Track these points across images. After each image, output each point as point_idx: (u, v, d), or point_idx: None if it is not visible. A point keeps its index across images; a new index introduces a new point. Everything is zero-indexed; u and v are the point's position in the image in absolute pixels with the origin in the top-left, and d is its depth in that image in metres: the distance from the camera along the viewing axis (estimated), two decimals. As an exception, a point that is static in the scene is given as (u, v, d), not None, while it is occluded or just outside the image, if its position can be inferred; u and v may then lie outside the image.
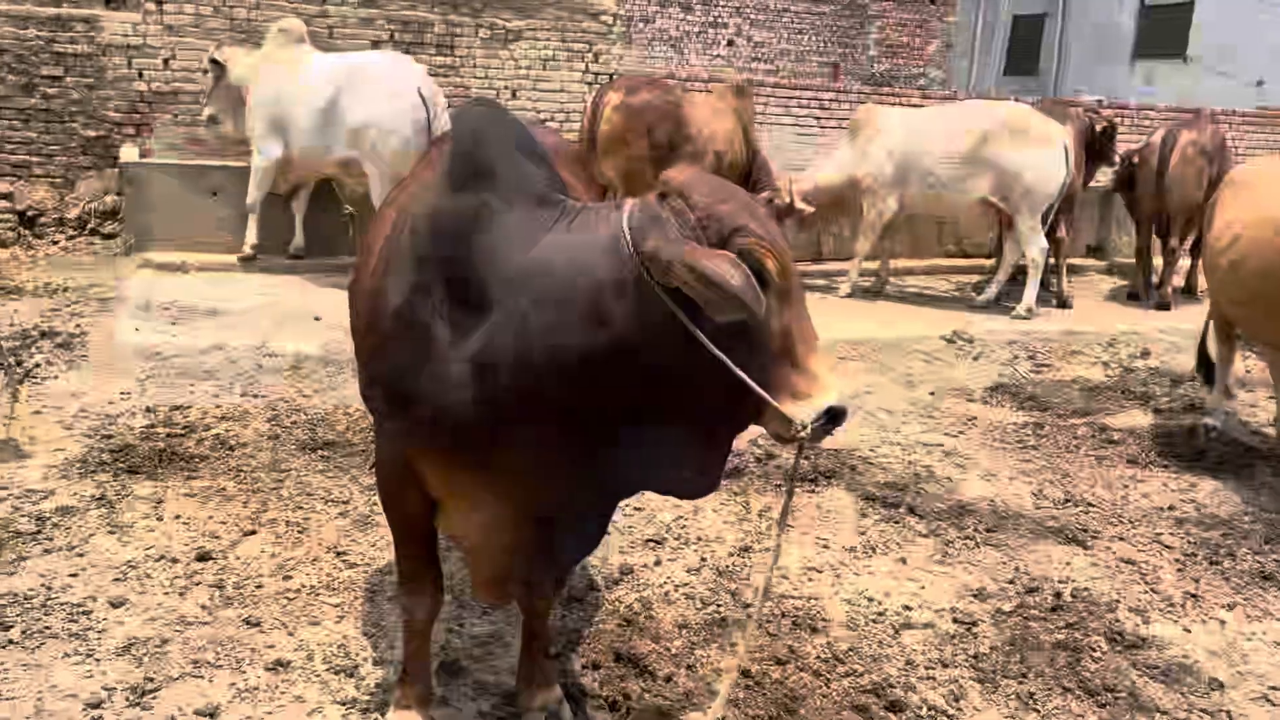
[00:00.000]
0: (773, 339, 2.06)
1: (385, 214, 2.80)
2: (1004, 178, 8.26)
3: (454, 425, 2.27)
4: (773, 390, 2.06)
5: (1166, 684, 3.19)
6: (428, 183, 2.51)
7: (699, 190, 2.09)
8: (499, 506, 2.37)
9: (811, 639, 3.31)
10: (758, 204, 2.20)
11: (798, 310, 2.10)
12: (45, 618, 3.11)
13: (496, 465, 2.29)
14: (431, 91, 7.33)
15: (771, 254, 2.04)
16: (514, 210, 2.25)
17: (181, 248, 7.81)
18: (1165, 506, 4.64)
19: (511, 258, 2.19)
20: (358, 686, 2.92)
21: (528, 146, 2.40)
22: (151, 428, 4.64)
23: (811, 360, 2.09)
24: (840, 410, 2.07)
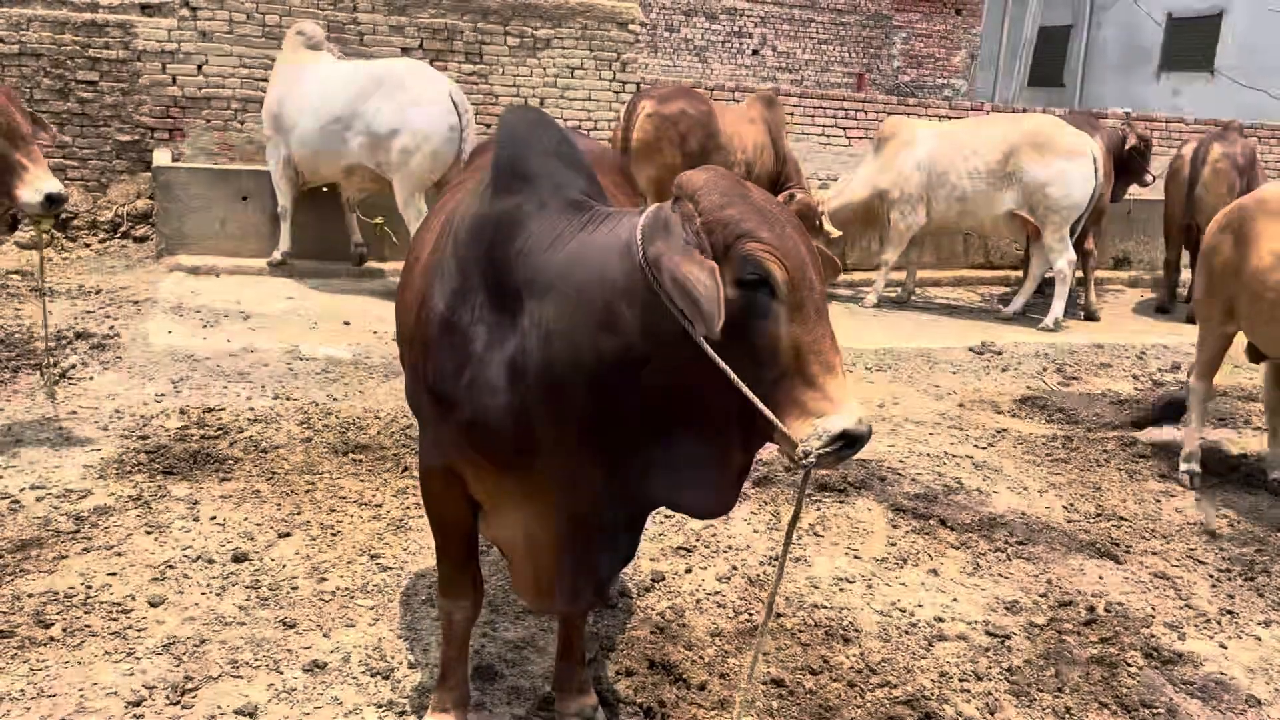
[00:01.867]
0: (783, 353, 1.93)
1: (432, 222, 2.84)
2: (1031, 190, 8.24)
3: (491, 430, 2.28)
4: (780, 408, 1.93)
5: (1204, 700, 3.17)
6: (473, 189, 2.54)
7: (709, 194, 2.00)
8: (537, 512, 2.38)
9: (844, 649, 3.30)
10: (780, 209, 2.05)
11: (814, 323, 1.94)
12: (85, 616, 3.14)
13: (533, 470, 2.30)
14: (462, 99, 7.27)
15: (779, 262, 1.91)
16: (549, 215, 2.26)
17: (212, 251, 7.88)
18: (1198, 523, 4.61)
19: (538, 261, 2.20)
20: (394, 689, 2.94)
21: (567, 152, 2.41)
22: (185, 429, 4.68)
23: (827, 378, 1.92)
24: (855, 435, 1.88)
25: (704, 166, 2.17)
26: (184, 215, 7.87)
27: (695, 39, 16.62)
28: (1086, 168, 8.29)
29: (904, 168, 8.54)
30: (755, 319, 1.91)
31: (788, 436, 1.91)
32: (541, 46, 9.22)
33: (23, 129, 4.15)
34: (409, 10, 8.82)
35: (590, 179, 2.40)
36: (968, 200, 8.44)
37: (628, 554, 2.50)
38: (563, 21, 9.25)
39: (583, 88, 9.40)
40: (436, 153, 7.08)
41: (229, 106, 8.51)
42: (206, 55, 8.41)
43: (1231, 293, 4.75)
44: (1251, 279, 4.49)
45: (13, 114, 4.13)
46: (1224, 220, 4.89)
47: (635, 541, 2.50)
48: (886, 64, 18.11)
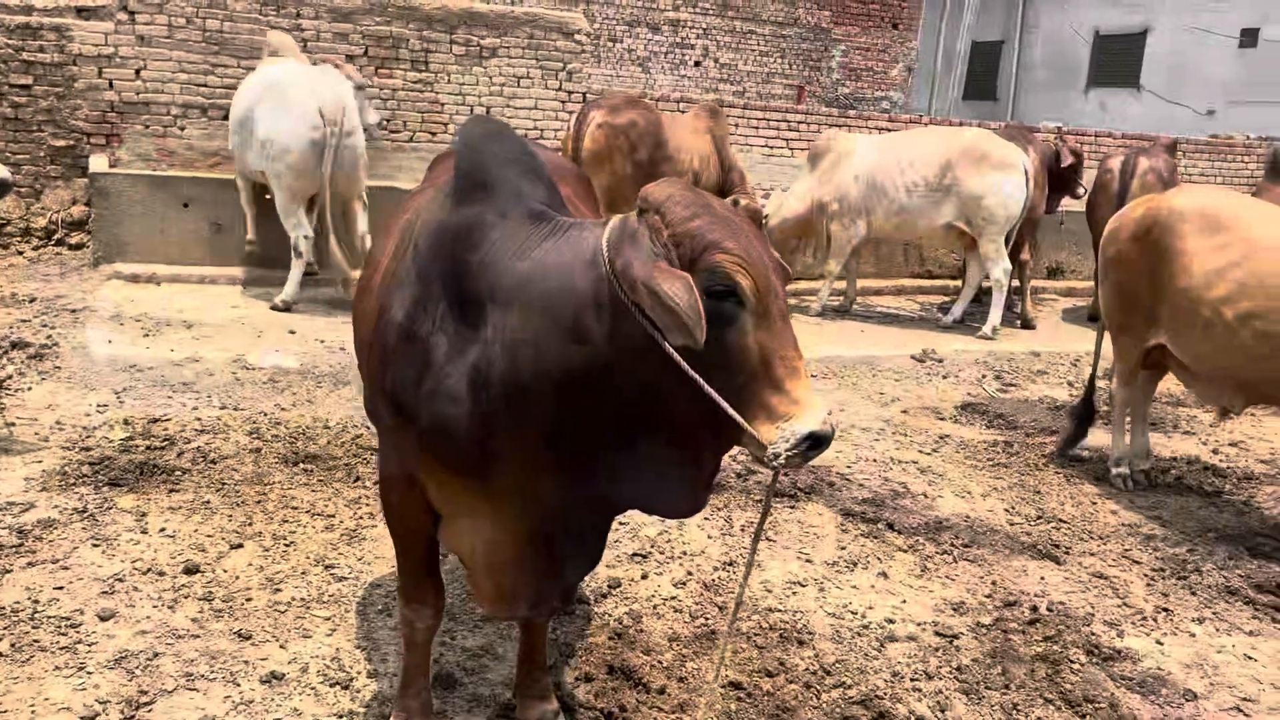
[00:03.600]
0: (749, 359, 1.98)
1: (391, 230, 2.84)
2: (968, 202, 8.44)
3: (453, 439, 2.29)
4: (748, 412, 1.98)
5: (1143, 695, 3.28)
6: (432, 198, 2.55)
7: (674, 206, 2.04)
8: (499, 520, 2.39)
9: (799, 651, 3.36)
10: (742, 219, 2.10)
11: (779, 330, 2.00)
12: (34, 631, 3.08)
13: (494, 479, 2.32)
14: (338, 110, 6.95)
15: (745, 271, 1.96)
16: (511, 224, 2.28)
17: (152, 259, 7.75)
18: (1131, 524, 4.76)
19: (500, 271, 2.22)
20: (353, 699, 2.93)
21: (528, 162, 2.44)
22: (130, 440, 4.60)
23: (792, 382, 1.98)
24: (821, 436, 1.95)
25: (666, 179, 2.20)
26: (122, 222, 7.73)
27: (638, 50, 16.71)
28: (1019, 180, 8.52)
29: (843, 180, 8.69)
30: (723, 327, 1.95)
31: (756, 440, 1.96)
32: (488, 55, 9.22)
33: None
34: (353, 18, 8.77)
35: (551, 189, 2.43)
36: (906, 212, 8.62)
37: (594, 558, 2.53)
38: (509, 31, 9.26)
39: (529, 96, 9.42)
40: (295, 166, 6.93)
41: (168, 112, 8.38)
42: (145, 60, 8.27)
43: (1153, 305, 4.84)
44: (1183, 296, 4.58)
45: None
46: (1134, 229, 4.90)
47: (601, 545, 2.53)
48: (826, 76, 18.37)
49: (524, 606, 2.52)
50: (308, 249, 7.17)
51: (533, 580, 2.44)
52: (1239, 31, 20.32)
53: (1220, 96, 20.59)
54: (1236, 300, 4.36)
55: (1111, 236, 5.05)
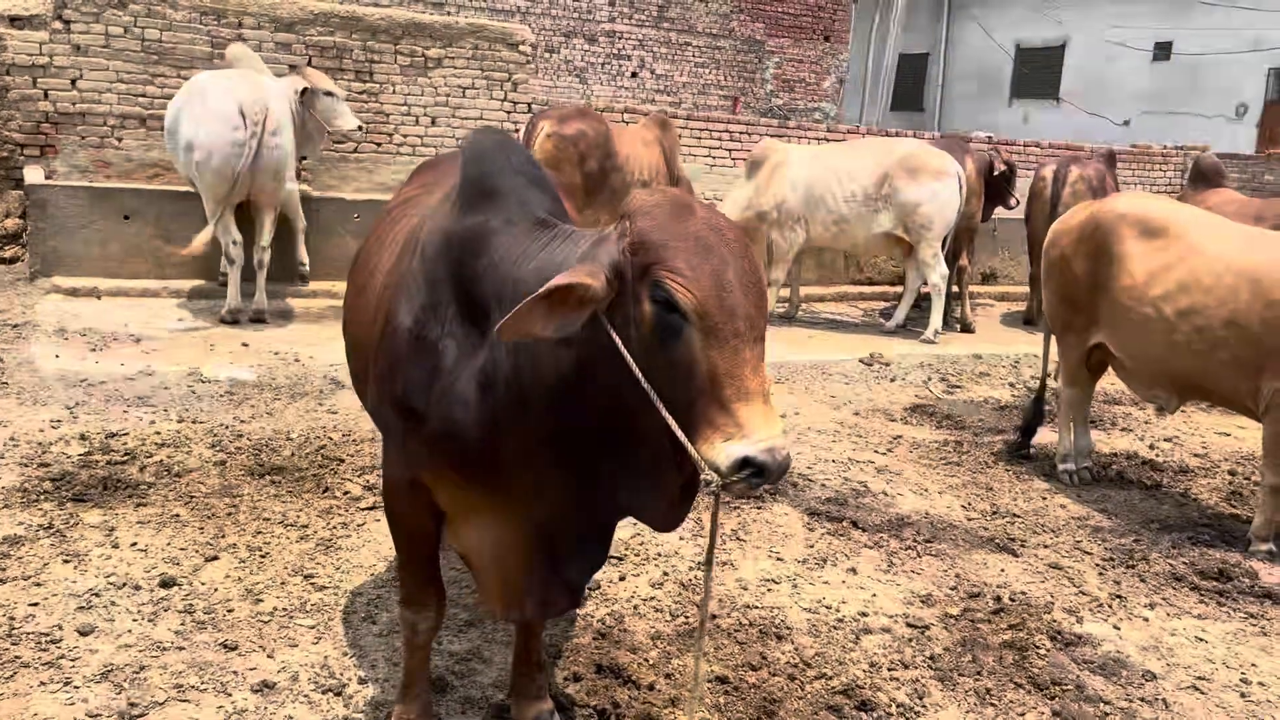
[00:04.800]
0: (696, 375, 1.94)
1: (382, 236, 2.88)
2: (905, 210, 8.67)
3: (462, 441, 2.34)
4: (696, 430, 1.94)
5: (1106, 677, 3.43)
6: (434, 206, 2.59)
7: (643, 216, 2.05)
8: (506, 522, 2.43)
9: (779, 646, 3.45)
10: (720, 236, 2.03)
11: (732, 349, 1.94)
12: (13, 647, 3.03)
13: (501, 481, 2.37)
14: (259, 110, 6.86)
15: (685, 289, 1.94)
16: (515, 231, 2.34)
17: (92, 272, 7.59)
18: (1079, 517, 4.96)
19: (503, 276, 2.27)
20: (347, 705, 2.93)
21: (532, 171, 2.50)
22: (89, 455, 4.53)
23: (740, 404, 1.92)
24: (759, 464, 1.88)
25: (657, 189, 2.26)
26: (61, 235, 7.55)
27: (575, 60, 16.80)
28: (954, 187, 8.79)
29: (781, 189, 8.86)
30: (669, 339, 1.96)
31: (698, 458, 1.93)
32: (433, 66, 9.22)
33: None
34: (296, 28, 8.70)
35: (554, 198, 2.50)
36: (845, 222, 8.82)
37: (598, 560, 2.57)
38: (453, 42, 9.26)
39: (474, 107, 9.43)
40: (218, 169, 6.84)
41: (105, 123, 8.22)
42: (81, 70, 8.11)
43: (1094, 305, 5.06)
44: (1124, 295, 4.80)
45: None
46: (1077, 233, 5.13)
47: (605, 549, 2.57)
48: (760, 88, 18.65)
49: (531, 607, 2.56)
50: (239, 255, 7.10)
51: (538, 581, 2.48)
52: (1152, 45, 21.16)
53: (1135, 107, 21.41)
54: (1176, 298, 4.58)
55: (1054, 241, 5.26)
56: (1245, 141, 19.09)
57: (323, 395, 5.72)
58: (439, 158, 3.59)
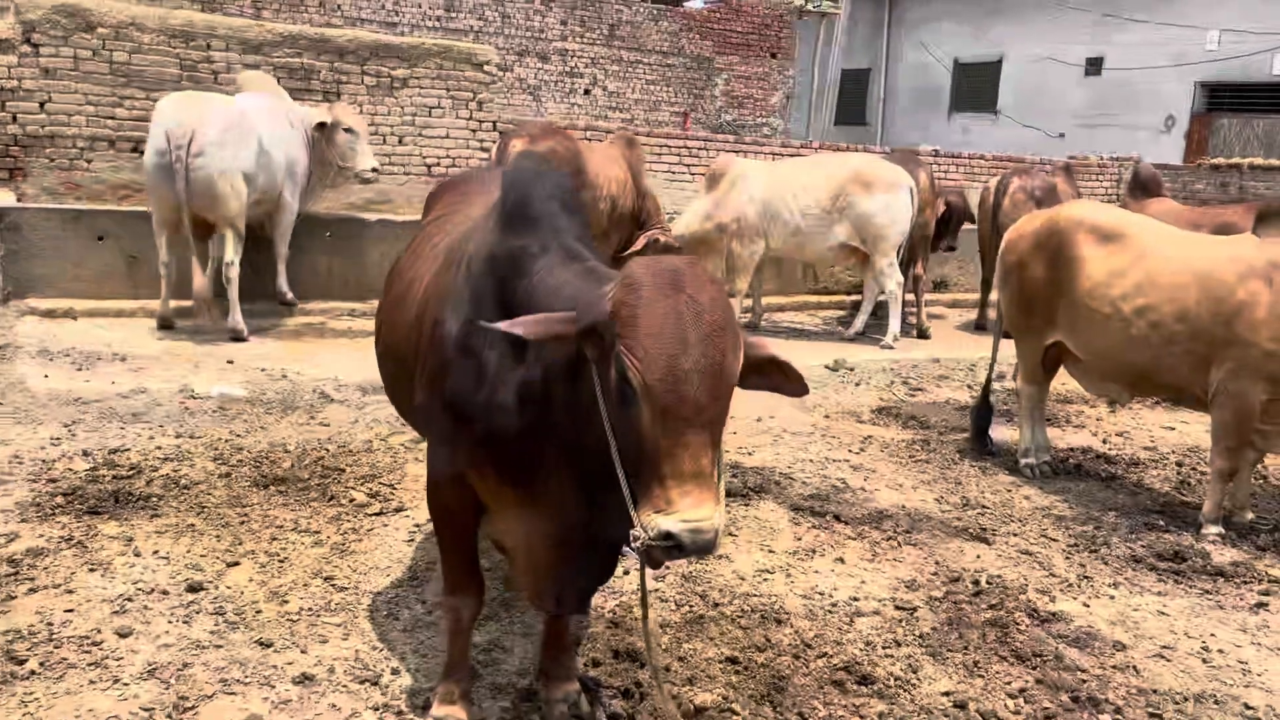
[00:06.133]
0: (644, 445, 2.11)
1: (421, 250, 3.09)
2: (859, 222, 9.01)
3: (503, 446, 2.56)
4: (641, 492, 2.12)
5: (1080, 648, 3.71)
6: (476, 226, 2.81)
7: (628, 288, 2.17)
8: (537, 520, 2.65)
9: (779, 629, 3.68)
10: (698, 319, 2.13)
11: (676, 431, 2.08)
12: (57, 650, 3.15)
13: (535, 485, 2.58)
14: (183, 134, 6.93)
15: (637, 370, 2.09)
16: (550, 257, 2.56)
17: (67, 294, 7.61)
18: (1043, 507, 5.26)
19: (540, 302, 2.47)
20: (384, 693, 3.10)
21: (565, 198, 2.73)
22: (95, 470, 4.62)
23: (674, 482, 2.07)
24: (679, 542, 2.05)
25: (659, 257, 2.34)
26: (35, 257, 7.57)
27: (529, 78, 17.01)
28: (906, 199, 9.16)
29: (740, 203, 9.16)
30: (626, 407, 2.14)
31: (634, 519, 2.12)
32: (399, 86, 9.38)
33: None
34: (264, 49, 8.81)
35: (582, 222, 2.73)
36: (802, 234, 9.14)
37: (606, 573, 2.79)
38: (419, 62, 9.43)
39: (440, 126, 9.60)
40: (150, 190, 7.21)
41: (74, 145, 8.25)
42: (50, 92, 8.14)
43: (1052, 306, 5.38)
44: (1084, 296, 5.13)
45: None
46: (1034, 239, 5.46)
47: (614, 562, 2.78)
48: (710, 104, 19.02)
49: (554, 600, 2.78)
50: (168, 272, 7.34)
51: (556, 582, 2.70)
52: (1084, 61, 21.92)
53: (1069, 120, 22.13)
54: (1133, 297, 4.93)
55: (1011, 247, 5.59)
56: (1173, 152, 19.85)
57: (313, 409, 5.84)
58: (457, 178, 3.80)
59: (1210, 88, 20.17)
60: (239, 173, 7.19)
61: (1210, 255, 4.90)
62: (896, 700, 3.27)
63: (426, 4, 16.15)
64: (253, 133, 7.27)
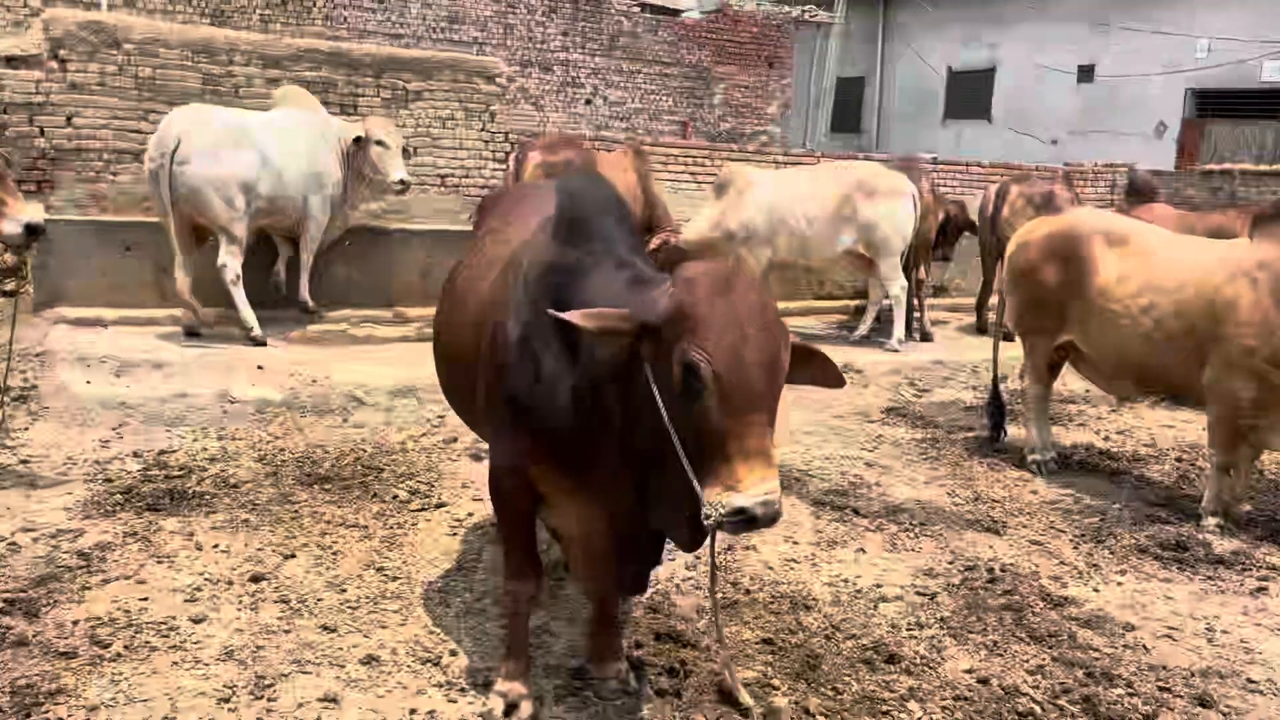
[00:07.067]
0: (711, 432, 2.31)
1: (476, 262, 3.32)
2: (864, 229, 9.25)
3: (559, 441, 2.78)
4: (706, 475, 2.31)
5: (1093, 630, 3.94)
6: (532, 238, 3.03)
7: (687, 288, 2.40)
8: (590, 510, 2.88)
9: (809, 614, 3.90)
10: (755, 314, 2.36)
11: (742, 416, 2.28)
12: (138, 635, 3.37)
13: (588, 477, 2.81)
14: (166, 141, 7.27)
15: (707, 361, 2.29)
16: (604, 268, 2.78)
17: (95, 304, 7.81)
18: (1051, 501, 5.49)
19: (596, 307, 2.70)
20: (445, 672, 3.32)
21: (619, 212, 2.96)
22: (148, 470, 4.83)
23: (740, 461, 2.27)
24: (750, 515, 2.26)
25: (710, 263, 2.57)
26: (64, 268, 7.78)
27: (531, 89, 17.24)
28: (909, 207, 9.40)
29: (747, 211, 9.39)
30: (691, 399, 2.36)
31: (701, 499, 2.33)
32: (413, 98, 9.60)
33: None
34: (283, 64, 9.02)
35: (633, 232, 2.96)
36: (808, 241, 9.37)
37: (656, 557, 3.01)
38: (432, 75, 9.66)
39: (454, 137, 9.82)
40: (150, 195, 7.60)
41: (100, 158, 8.45)
42: (77, 107, 8.34)
43: (1063, 307, 5.62)
44: (1096, 296, 5.37)
45: None
46: (1044, 244, 5.71)
47: (661, 548, 2.99)
48: (709, 113, 19.27)
49: (604, 584, 3.01)
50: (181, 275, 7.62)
51: (612, 561, 2.92)
52: (1076, 68, 22.24)
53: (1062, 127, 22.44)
54: (1140, 295, 5.19)
55: (1021, 251, 5.83)
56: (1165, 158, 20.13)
57: (346, 412, 6.06)
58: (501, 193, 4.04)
59: (1201, 94, 20.48)
60: (233, 181, 7.43)
61: (1205, 256, 5.17)
62: (923, 676, 3.49)
63: (430, 16, 16.38)
64: (254, 144, 7.54)
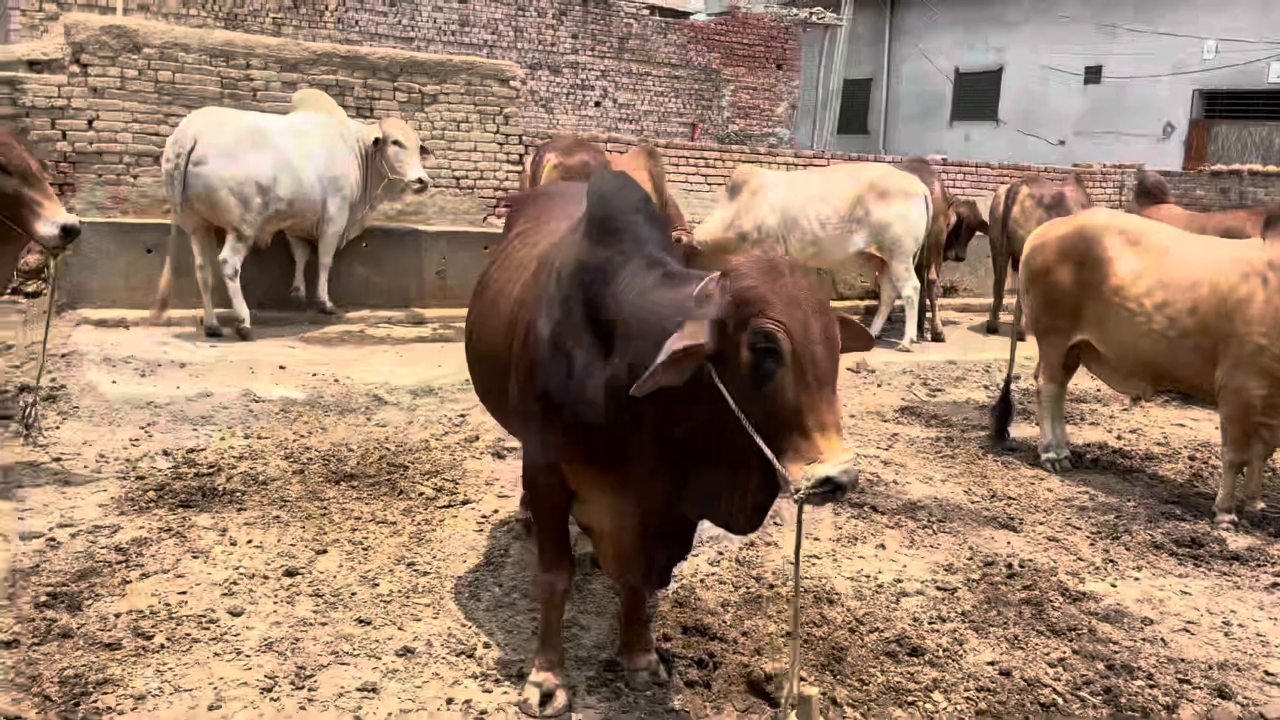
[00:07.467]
0: (785, 409, 2.35)
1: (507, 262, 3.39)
2: (877, 230, 9.33)
3: (591, 435, 2.85)
4: (783, 453, 2.35)
5: (1112, 624, 4.01)
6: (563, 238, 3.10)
7: (742, 276, 2.46)
8: (621, 504, 2.94)
9: (833, 608, 3.97)
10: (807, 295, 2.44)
11: (815, 388, 2.36)
12: (179, 627, 3.44)
13: (620, 471, 2.87)
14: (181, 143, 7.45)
15: (786, 335, 2.35)
16: (634, 266, 2.85)
17: (117, 304, 7.91)
18: (1066, 498, 5.56)
19: (627, 306, 2.77)
20: (479, 664, 3.39)
21: (648, 211, 3.03)
22: (178, 468, 4.91)
23: (820, 435, 2.33)
24: (838, 483, 2.30)
25: (753, 254, 2.72)
26: (87, 269, 7.87)
27: (541, 91, 17.34)
28: (921, 208, 9.47)
29: (760, 212, 9.48)
30: (765, 378, 2.41)
31: (784, 476, 2.37)
32: (429, 101, 9.69)
33: (34, 168, 4.41)
34: (300, 67, 9.12)
35: (663, 231, 3.03)
36: (821, 242, 9.45)
37: (684, 550, 3.08)
38: (448, 78, 9.74)
39: (469, 139, 9.91)
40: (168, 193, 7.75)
41: (121, 161, 8.55)
42: (97, 111, 8.44)
43: (1079, 306, 5.68)
44: (1111, 294, 5.43)
45: (25, 155, 4.38)
46: (1060, 244, 5.77)
47: (690, 540, 3.07)
48: (717, 114, 19.36)
49: (635, 577, 3.08)
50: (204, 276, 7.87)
51: (644, 555, 2.99)
52: (1083, 69, 22.29)
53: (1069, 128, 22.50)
54: (1154, 293, 5.26)
55: (1037, 252, 5.89)
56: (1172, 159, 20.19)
57: (369, 411, 6.14)
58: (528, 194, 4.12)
59: (1208, 95, 20.54)
60: (249, 181, 7.56)
61: (1218, 255, 5.23)
62: (946, 668, 3.56)
63: (441, 19, 16.49)
64: (269, 146, 7.66)
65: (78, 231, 4.52)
